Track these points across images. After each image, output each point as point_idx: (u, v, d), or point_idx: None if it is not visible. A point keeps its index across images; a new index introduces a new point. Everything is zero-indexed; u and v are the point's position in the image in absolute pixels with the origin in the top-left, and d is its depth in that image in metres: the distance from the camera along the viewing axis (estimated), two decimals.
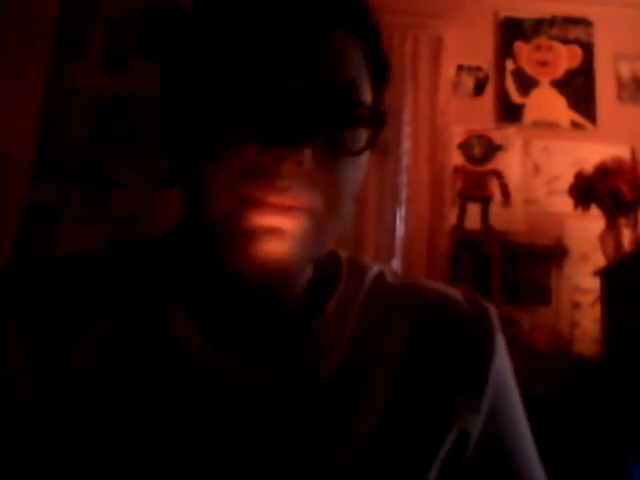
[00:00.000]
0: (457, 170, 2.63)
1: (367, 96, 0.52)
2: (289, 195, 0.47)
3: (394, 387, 0.54)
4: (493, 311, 0.59)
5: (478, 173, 2.65)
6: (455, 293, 0.60)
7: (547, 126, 2.69)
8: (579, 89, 2.72)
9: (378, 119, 0.50)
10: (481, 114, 2.70)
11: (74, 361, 0.52)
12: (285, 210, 0.47)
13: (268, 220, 0.47)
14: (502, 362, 0.58)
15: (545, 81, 2.74)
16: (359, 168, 0.52)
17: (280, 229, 0.47)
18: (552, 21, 2.78)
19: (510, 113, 2.70)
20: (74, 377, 0.52)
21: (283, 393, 0.52)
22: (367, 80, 0.52)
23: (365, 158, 0.52)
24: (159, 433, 0.51)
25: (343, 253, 0.61)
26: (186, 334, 0.53)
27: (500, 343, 0.58)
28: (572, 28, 2.78)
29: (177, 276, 0.57)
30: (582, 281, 2.48)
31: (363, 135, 0.50)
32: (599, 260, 2.28)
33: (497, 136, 2.67)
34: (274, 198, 0.47)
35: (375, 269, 0.60)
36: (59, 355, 0.52)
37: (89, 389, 0.52)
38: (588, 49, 2.76)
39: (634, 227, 2.23)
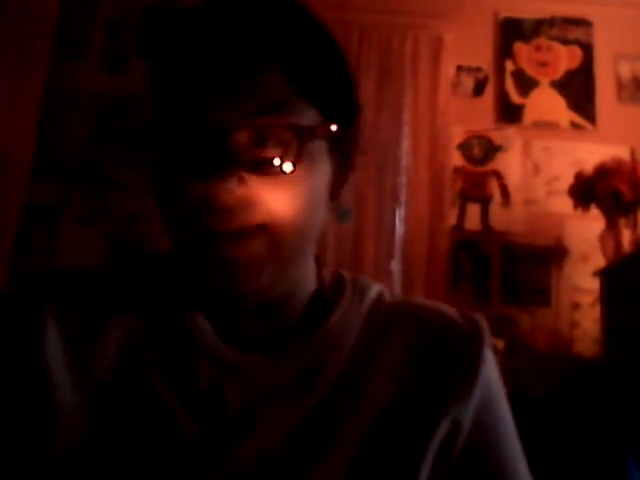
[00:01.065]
0: (457, 170, 2.63)
1: (299, 116, 0.53)
2: (231, 218, 0.50)
3: (392, 388, 0.57)
4: (484, 323, 0.63)
5: (478, 173, 2.65)
6: (449, 309, 0.64)
7: (547, 126, 2.69)
8: (579, 89, 2.72)
9: (300, 135, 0.52)
10: (481, 114, 2.70)
11: (102, 357, 0.56)
12: (236, 237, 0.50)
13: (223, 251, 0.50)
14: (491, 368, 0.61)
15: (545, 81, 2.74)
16: (306, 179, 0.54)
17: (236, 258, 0.51)
18: (552, 21, 2.79)
19: (510, 113, 2.70)
20: (102, 372, 0.55)
21: (294, 391, 0.56)
22: (298, 102, 0.53)
23: (318, 169, 0.55)
24: (180, 429, 0.53)
25: (347, 274, 0.65)
26: (203, 331, 0.57)
27: (489, 353, 0.62)
28: (572, 28, 2.78)
29: (191, 283, 0.60)
30: (582, 281, 2.49)
31: (293, 151, 0.52)
32: (599, 260, 2.28)
33: (497, 136, 2.67)
34: (218, 224, 0.50)
35: (376, 288, 0.65)
36: (90, 349, 0.56)
37: (114, 386, 0.55)
38: (588, 49, 2.76)
39: (634, 227, 2.24)
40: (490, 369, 0.61)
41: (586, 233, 2.46)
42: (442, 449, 0.56)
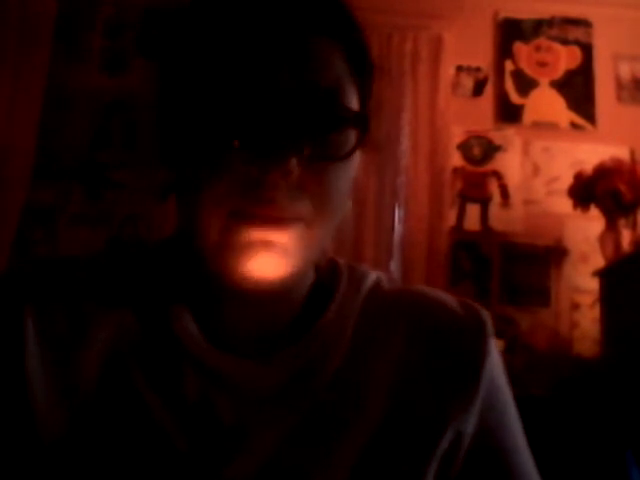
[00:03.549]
0: (456, 171, 2.63)
1: (351, 100, 0.52)
2: (277, 207, 0.47)
3: (392, 389, 0.55)
4: (486, 315, 0.60)
5: (477, 174, 2.65)
6: (449, 298, 0.62)
7: (546, 127, 2.69)
8: (578, 90, 2.72)
9: (363, 122, 0.51)
10: (480, 115, 2.70)
11: (86, 365, 0.53)
12: (275, 222, 0.48)
13: (259, 233, 0.48)
14: (494, 364, 0.59)
15: (544, 82, 2.74)
16: (348, 171, 0.52)
17: (271, 242, 0.48)
18: (551, 22, 2.79)
19: (509, 114, 2.70)
20: (86, 381, 0.52)
21: (288, 396, 0.53)
22: (351, 85, 0.52)
23: (355, 161, 0.53)
24: (168, 438, 0.51)
25: (342, 260, 0.62)
26: (191, 336, 0.54)
27: (492, 346, 0.59)
28: (571, 29, 2.78)
29: (181, 280, 0.57)
30: (581, 282, 2.49)
31: (349, 139, 0.51)
32: (598, 261, 2.28)
33: (496, 137, 2.67)
34: (263, 210, 0.47)
35: (373, 276, 0.62)
36: (73, 356, 0.53)
37: (97, 390, 0.52)
38: (587, 50, 2.76)
39: (633, 228, 2.24)
40: (493, 366, 0.58)
41: (586, 233, 2.46)
42: (446, 456, 0.55)
